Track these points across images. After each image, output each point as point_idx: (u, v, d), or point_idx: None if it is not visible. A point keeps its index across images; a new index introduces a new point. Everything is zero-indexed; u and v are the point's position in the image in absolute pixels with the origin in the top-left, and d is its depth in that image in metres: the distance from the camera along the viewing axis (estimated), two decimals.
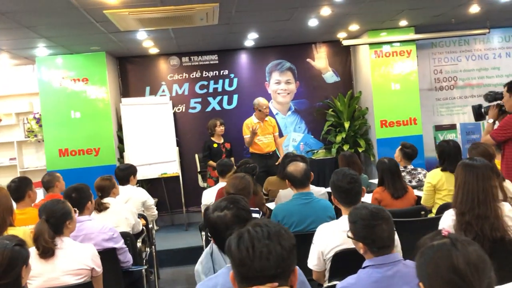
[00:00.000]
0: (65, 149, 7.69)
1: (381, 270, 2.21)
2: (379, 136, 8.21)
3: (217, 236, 2.27)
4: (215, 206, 2.29)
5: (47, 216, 3.16)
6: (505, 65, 9.36)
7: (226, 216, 2.23)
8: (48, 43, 6.55)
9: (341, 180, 3.17)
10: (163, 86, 8.70)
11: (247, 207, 2.29)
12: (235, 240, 1.62)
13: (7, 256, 2.28)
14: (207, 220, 2.29)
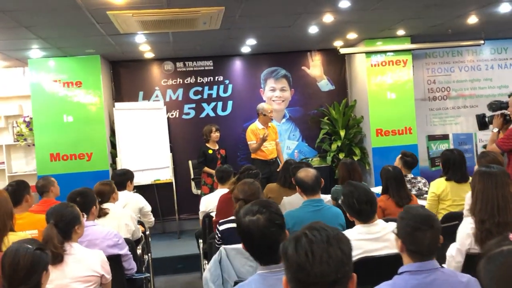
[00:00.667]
0: (56, 154, 7.51)
1: (418, 277, 2.15)
2: (374, 145, 8.20)
3: (249, 241, 2.18)
4: (246, 210, 2.20)
5: (56, 220, 3.04)
6: (497, 76, 9.45)
7: (259, 220, 2.14)
8: (43, 45, 6.41)
9: (358, 201, 3.08)
10: (157, 91, 8.58)
11: (279, 211, 2.21)
12: (292, 244, 1.53)
13: (29, 261, 2.16)
14: (239, 225, 2.20)
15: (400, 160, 5.97)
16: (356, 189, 3.10)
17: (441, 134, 9.30)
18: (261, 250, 2.15)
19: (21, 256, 2.15)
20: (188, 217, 8.47)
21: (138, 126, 7.97)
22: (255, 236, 2.14)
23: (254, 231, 2.14)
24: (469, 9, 6.34)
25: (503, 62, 9.47)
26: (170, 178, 8.02)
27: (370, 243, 3.06)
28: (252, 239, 2.16)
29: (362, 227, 3.10)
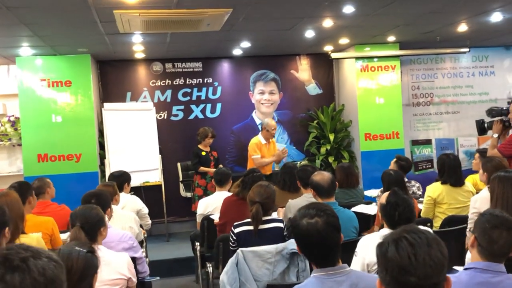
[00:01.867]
0: (44, 154, 7.33)
1: (485, 276, 2.17)
2: (363, 149, 8.30)
3: (307, 244, 2.17)
4: (303, 213, 2.20)
5: (82, 222, 2.97)
6: (478, 83, 9.71)
7: (318, 223, 2.14)
8: (37, 43, 6.26)
9: (399, 216, 3.02)
10: (145, 92, 8.48)
11: (336, 214, 2.22)
12: (393, 246, 1.54)
13: (82, 264, 2.10)
14: (297, 228, 2.19)
15: (395, 164, 6.04)
16: (403, 203, 3.01)
17: (424, 139, 9.52)
18: (319, 253, 2.16)
19: (74, 260, 2.09)
20: (176, 219, 8.39)
21: (127, 127, 7.85)
22: (314, 239, 2.14)
23: (312, 234, 2.14)
24: (461, 18, 6.50)
25: (484, 69, 9.74)
26: (159, 180, 7.93)
27: None
28: (310, 242, 2.15)
29: (388, 231, 3.12)
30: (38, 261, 1.26)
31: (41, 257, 1.27)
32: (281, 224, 3.96)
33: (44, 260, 1.27)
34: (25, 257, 1.26)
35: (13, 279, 1.22)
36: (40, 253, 1.29)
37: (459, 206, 5.02)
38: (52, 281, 1.25)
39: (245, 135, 8.81)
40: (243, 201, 4.72)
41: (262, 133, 7.21)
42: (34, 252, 1.28)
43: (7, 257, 1.25)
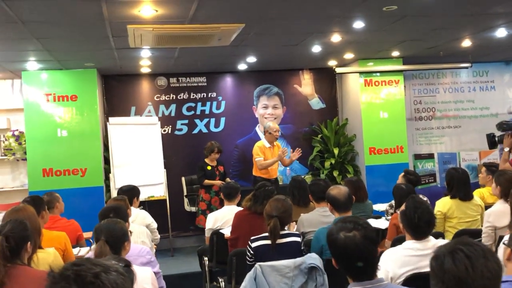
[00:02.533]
0: (49, 169, 7.29)
1: None
2: (368, 163, 8.32)
3: (345, 258, 2.17)
4: (340, 227, 2.20)
5: (107, 237, 2.95)
6: (479, 98, 9.80)
7: (356, 237, 2.14)
8: (45, 57, 6.26)
9: (419, 218, 3.06)
10: (149, 106, 8.49)
11: (373, 228, 2.22)
12: (449, 258, 1.55)
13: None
14: (334, 241, 2.19)
15: (403, 178, 6.05)
16: (421, 206, 3.10)
17: (426, 153, 9.55)
18: (357, 267, 2.15)
19: None
20: (180, 234, 8.35)
21: (132, 141, 7.84)
22: (352, 253, 2.14)
23: (351, 248, 2.14)
24: (466, 33, 6.58)
25: (485, 84, 9.84)
26: (164, 195, 7.89)
27: (421, 259, 3.09)
28: (348, 256, 2.15)
29: (414, 243, 3.12)
30: (110, 276, 1.24)
31: (111, 271, 1.26)
32: (298, 238, 3.94)
33: (114, 274, 1.25)
34: (97, 272, 1.24)
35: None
36: (109, 267, 1.27)
37: (469, 220, 5.02)
38: None
39: (249, 149, 8.78)
40: (255, 215, 4.72)
41: (266, 137, 7.23)
42: (103, 267, 1.26)
43: (79, 273, 1.23)
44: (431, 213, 3.11)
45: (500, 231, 4.22)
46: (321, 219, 4.66)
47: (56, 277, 1.24)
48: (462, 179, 5.03)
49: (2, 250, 2.90)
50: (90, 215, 6.96)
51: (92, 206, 7.34)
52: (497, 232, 4.29)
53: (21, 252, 3.03)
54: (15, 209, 3.79)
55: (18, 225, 3.07)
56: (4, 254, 2.90)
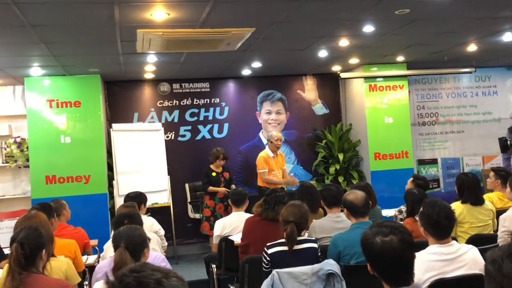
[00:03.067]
0: (52, 176, 7.20)
1: None
2: (373, 169, 8.28)
3: (381, 262, 2.11)
4: (376, 231, 2.14)
5: (126, 243, 2.88)
6: (481, 103, 9.80)
7: (393, 241, 2.08)
8: (50, 62, 6.20)
9: (437, 214, 3.07)
10: (152, 112, 8.42)
11: (409, 232, 2.16)
12: (508, 261, 1.49)
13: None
14: (370, 246, 2.12)
15: (412, 183, 6.01)
16: (438, 203, 3.09)
17: (430, 158, 9.53)
18: (394, 272, 2.10)
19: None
20: (183, 241, 8.26)
21: (136, 147, 7.76)
22: (389, 257, 2.08)
23: (388, 252, 2.08)
24: (473, 38, 6.56)
25: (487, 89, 9.84)
26: (168, 202, 7.81)
27: (445, 264, 3.03)
28: (385, 260, 2.09)
29: (437, 247, 3.07)
30: (171, 281, 1.18)
31: (171, 277, 1.20)
32: (315, 244, 3.89)
33: (175, 280, 1.19)
34: (159, 278, 1.19)
35: None
36: (168, 273, 1.21)
37: (480, 224, 4.97)
38: None
39: (252, 155, 8.74)
40: (267, 221, 4.66)
41: (269, 146, 7.20)
42: (163, 273, 1.20)
43: (141, 280, 1.18)
44: (449, 207, 3.10)
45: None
46: (334, 225, 4.60)
47: (116, 285, 1.19)
48: (473, 183, 5.00)
49: (17, 257, 2.84)
50: (93, 222, 6.92)
51: (96, 213, 7.29)
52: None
53: (36, 259, 2.97)
54: (27, 216, 3.72)
55: (33, 232, 3.00)
56: (19, 261, 2.84)
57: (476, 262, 3.09)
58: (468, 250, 3.10)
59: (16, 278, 2.78)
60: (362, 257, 3.77)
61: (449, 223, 3.09)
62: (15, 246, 2.85)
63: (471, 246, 3.17)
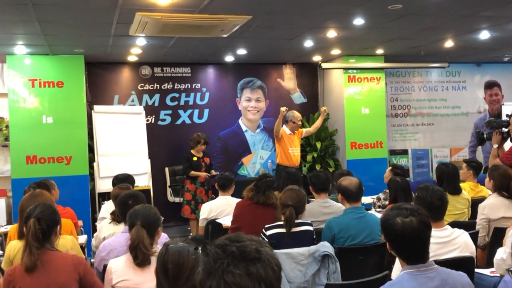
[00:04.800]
0: (33, 156, 7.12)
1: None
2: (349, 157, 8.54)
3: (400, 242, 2.28)
4: (396, 213, 2.30)
5: (143, 222, 2.98)
6: (451, 97, 10.20)
7: (413, 222, 2.25)
8: (35, 41, 6.12)
9: (431, 196, 3.29)
10: (133, 95, 8.41)
11: (426, 214, 2.34)
12: None
13: (192, 261, 2.12)
14: (391, 226, 2.29)
15: (390, 172, 6.23)
16: (430, 187, 3.33)
17: (401, 149, 9.86)
18: (413, 250, 2.27)
19: (185, 257, 2.12)
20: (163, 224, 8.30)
21: (117, 130, 7.73)
22: (408, 237, 2.25)
23: (408, 232, 2.25)
24: (452, 34, 6.84)
25: (457, 84, 10.24)
26: (148, 185, 7.84)
27: (440, 246, 3.26)
28: (405, 240, 2.27)
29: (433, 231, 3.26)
30: (267, 250, 1.27)
31: (264, 246, 1.29)
32: (310, 227, 4.06)
33: (267, 248, 1.29)
34: (257, 248, 1.26)
35: (258, 270, 1.22)
36: (261, 242, 1.30)
37: (457, 212, 5.24)
38: (280, 268, 1.28)
39: (232, 141, 8.89)
40: (257, 205, 4.79)
41: (288, 125, 7.25)
42: (258, 242, 1.28)
43: (243, 249, 1.25)
44: (441, 190, 3.34)
45: (494, 223, 4.45)
46: (322, 209, 4.78)
47: (220, 253, 1.25)
48: (452, 174, 5.24)
49: (35, 233, 2.88)
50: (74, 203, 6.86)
51: (77, 195, 7.26)
52: (490, 224, 4.52)
53: (52, 235, 3.03)
54: (34, 194, 3.75)
55: (48, 208, 3.06)
56: (37, 236, 2.88)
57: (467, 246, 3.33)
58: (460, 234, 3.34)
59: (34, 253, 2.83)
60: (356, 239, 4.02)
61: (442, 204, 3.31)
62: (33, 221, 2.90)
63: (463, 230, 3.40)
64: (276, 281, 1.25)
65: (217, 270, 1.23)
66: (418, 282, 2.23)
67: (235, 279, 1.20)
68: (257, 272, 1.22)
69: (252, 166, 8.98)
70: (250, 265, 1.23)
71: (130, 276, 2.89)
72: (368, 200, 6.47)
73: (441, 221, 3.34)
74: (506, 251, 3.45)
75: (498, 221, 4.43)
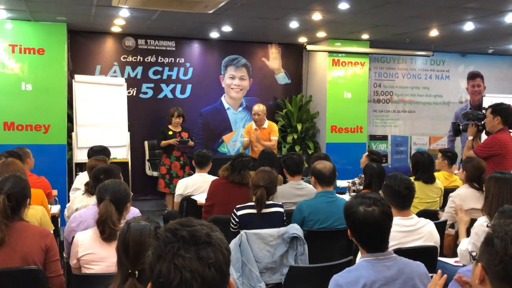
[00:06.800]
0: (11, 123, 7.06)
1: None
2: (328, 140, 8.59)
3: (362, 230, 2.33)
4: (360, 201, 2.34)
5: (111, 197, 2.98)
6: (434, 86, 10.27)
7: (375, 211, 2.29)
8: (17, 6, 6.01)
9: (398, 185, 3.34)
10: (115, 66, 8.32)
11: (389, 204, 2.39)
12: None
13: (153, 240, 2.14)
14: (353, 214, 2.33)
15: (367, 157, 6.29)
16: (398, 176, 3.37)
17: (381, 134, 9.95)
18: (373, 239, 2.32)
19: (147, 235, 2.13)
20: (139, 198, 8.33)
21: (97, 101, 7.66)
22: (370, 226, 2.30)
23: (369, 221, 2.29)
24: (437, 23, 6.86)
25: (440, 73, 10.30)
26: (126, 158, 7.83)
27: (405, 235, 3.32)
28: (365, 228, 2.31)
29: (399, 219, 3.34)
30: (217, 234, 1.28)
31: (215, 230, 1.29)
32: (281, 209, 4.10)
33: (217, 233, 1.30)
34: (208, 232, 1.27)
35: (208, 254, 1.23)
36: (211, 227, 1.30)
37: (429, 201, 5.33)
38: (229, 253, 1.30)
39: (213, 118, 8.88)
40: (232, 184, 4.83)
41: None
42: (208, 227, 1.29)
43: (193, 233, 1.26)
44: (408, 179, 3.40)
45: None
46: (295, 192, 4.84)
47: (170, 237, 1.26)
48: (427, 163, 5.30)
49: (4, 209, 2.85)
50: (51, 173, 6.86)
51: (54, 164, 7.23)
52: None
53: (21, 209, 3.02)
54: (5, 162, 3.72)
55: (18, 183, 3.03)
56: (5, 213, 2.86)
57: (432, 235, 3.40)
58: (426, 224, 3.41)
59: (2, 229, 2.81)
60: (325, 223, 4.08)
61: (409, 192, 3.36)
62: (2, 198, 2.85)
63: (429, 220, 3.47)
64: (225, 264, 1.27)
65: (168, 254, 1.24)
66: (376, 270, 2.28)
67: (185, 262, 1.21)
68: (208, 256, 1.23)
69: (233, 144, 8.99)
70: (200, 249, 1.24)
71: (96, 250, 2.91)
72: (344, 184, 6.55)
73: (407, 210, 3.39)
74: (470, 242, 3.54)
75: (467, 212, 4.52)
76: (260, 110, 7.14)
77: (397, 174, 3.49)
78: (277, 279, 3.73)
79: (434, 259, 3.34)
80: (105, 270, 2.88)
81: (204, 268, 1.22)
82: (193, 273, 1.21)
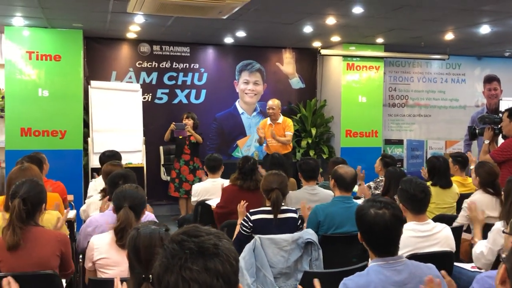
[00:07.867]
0: (28, 128, 7.14)
1: None
2: (343, 145, 8.56)
3: (372, 233, 2.31)
4: (371, 204, 2.33)
5: (130, 203, 2.99)
6: (449, 89, 10.18)
7: (385, 214, 2.28)
8: (34, 14, 6.09)
9: (414, 189, 3.31)
10: (131, 72, 8.39)
11: (400, 208, 2.37)
12: None
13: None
14: (364, 216, 2.31)
15: (380, 161, 6.25)
16: (413, 180, 3.34)
17: (396, 139, 9.89)
18: (382, 242, 2.31)
19: (157, 239, 2.14)
20: (154, 203, 8.36)
21: (113, 106, 7.73)
22: (380, 229, 2.28)
23: (380, 224, 2.28)
24: (452, 27, 6.81)
25: (456, 77, 10.21)
26: (141, 163, 7.87)
27: (420, 240, 3.29)
28: (376, 231, 2.30)
29: (415, 225, 3.31)
30: (224, 244, 1.27)
31: (222, 239, 1.28)
32: (295, 214, 4.08)
33: (225, 241, 1.27)
34: (215, 242, 1.26)
35: (216, 265, 1.22)
36: (219, 235, 1.29)
37: (445, 206, 5.26)
38: (237, 262, 1.29)
39: (227, 123, 8.90)
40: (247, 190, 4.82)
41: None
42: (216, 236, 1.28)
43: (201, 245, 1.24)
44: (424, 183, 3.35)
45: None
46: (309, 197, 4.81)
47: (177, 249, 1.25)
48: (443, 168, 5.24)
49: (19, 213, 2.88)
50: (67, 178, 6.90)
51: (70, 169, 7.30)
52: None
53: (36, 214, 3.04)
54: (22, 168, 3.76)
55: (34, 187, 3.05)
56: (21, 217, 2.88)
57: (448, 241, 3.36)
58: (442, 229, 3.36)
59: (17, 233, 2.84)
60: (340, 228, 4.05)
61: (424, 196, 3.32)
62: (18, 201, 2.89)
63: (445, 225, 3.43)
64: (233, 275, 1.26)
65: (175, 266, 1.23)
66: (386, 275, 2.26)
67: (193, 275, 1.21)
68: (215, 268, 1.22)
69: (247, 149, 8.99)
70: (208, 261, 1.23)
71: (111, 254, 2.93)
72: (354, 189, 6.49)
73: (423, 215, 3.35)
74: (487, 246, 3.48)
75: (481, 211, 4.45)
76: (274, 104, 7.15)
77: (412, 178, 3.46)
78: (292, 284, 3.71)
79: (450, 264, 3.30)
80: (120, 275, 2.89)
81: (212, 279, 1.21)
82: (201, 286, 1.20)
